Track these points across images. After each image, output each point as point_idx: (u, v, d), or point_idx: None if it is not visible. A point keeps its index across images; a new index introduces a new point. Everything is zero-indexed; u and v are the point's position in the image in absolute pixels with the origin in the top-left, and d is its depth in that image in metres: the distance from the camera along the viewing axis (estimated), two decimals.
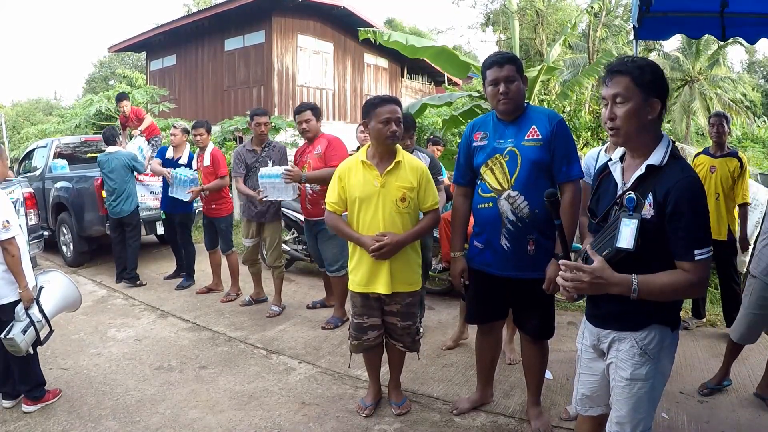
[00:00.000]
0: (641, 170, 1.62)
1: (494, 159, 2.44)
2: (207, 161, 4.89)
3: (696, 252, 1.52)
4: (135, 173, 5.67)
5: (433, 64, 7.14)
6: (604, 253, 1.60)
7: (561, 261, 1.64)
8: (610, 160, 1.79)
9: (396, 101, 2.65)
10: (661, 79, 1.62)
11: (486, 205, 2.47)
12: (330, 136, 4.16)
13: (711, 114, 4.07)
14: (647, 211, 1.57)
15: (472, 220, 2.66)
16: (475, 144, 2.53)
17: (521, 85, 2.41)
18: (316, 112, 4.11)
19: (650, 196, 1.57)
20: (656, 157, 1.60)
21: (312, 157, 4.04)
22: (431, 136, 6.26)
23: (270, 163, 4.38)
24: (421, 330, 3.92)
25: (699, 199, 1.55)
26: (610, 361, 1.73)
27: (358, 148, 4.55)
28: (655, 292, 1.54)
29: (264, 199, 4.12)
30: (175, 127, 5.41)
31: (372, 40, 6.86)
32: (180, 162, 5.25)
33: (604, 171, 1.81)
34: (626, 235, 1.54)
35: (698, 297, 1.41)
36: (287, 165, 4.44)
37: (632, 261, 1.55)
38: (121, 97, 7.61)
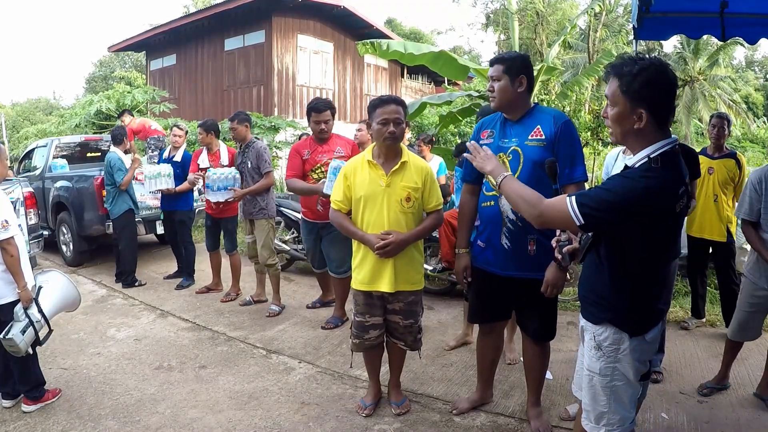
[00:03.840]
0: (621, 168, 1.69)
1: (498, 158, 2.44)
2: (225, 160, 4.89)
3: (572, 198, 1.57)
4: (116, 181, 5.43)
5: (431, 69, 7.18)
6: (583, 237, 1.75)
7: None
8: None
9: (398, 101, 2.64)
10: (657, 87, 1.54)
11: (488, 203, 2.49)
12: (346, 138, 4.16)
13: (712, 115, 4.06)
14: None
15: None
16: (481, 142, 2.53)
17: (507, 84, 2.39)
18: (334, 111, 4.03)
19: None
20: (632, 160, 1.63)
21: (332, 158, 3.89)
22: (420, 135, 6.28)
23: (249, 165, 4.43)
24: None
25: (620, 186, 1.55)
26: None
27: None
28: (507, 191, 1.80)
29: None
30: (180, 128, 5.45)
31: (371, 52, 6.92)
32: (174, 159, 5.28)
33: None
34: None
35: (530, 221, 1.48)
36: (265, 165, 4.46)
37: (597, 252, 1.70)
38: (120, 114, 8.01)
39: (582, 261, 1.78)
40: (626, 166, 1.64)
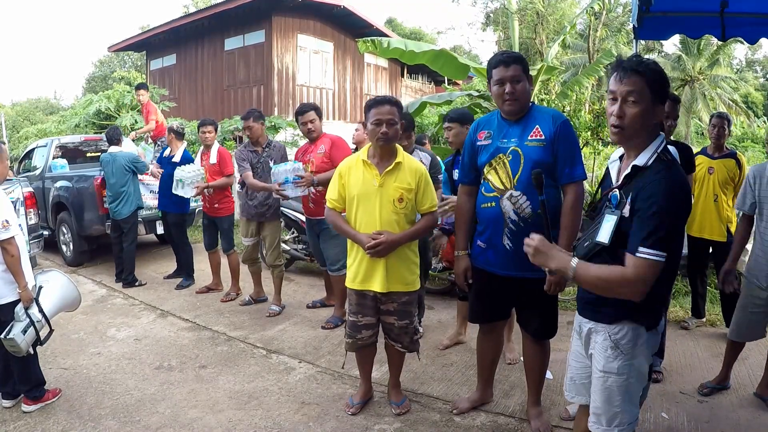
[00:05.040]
0: (628, 170, 1.68)
1: (498, 159, 2.44)
2: (214, 159, 4.89)
3: (641, 248, 1.51)
4: (137, 174, 5.62)
5: (432, 68, 7.17)
6: (586, 244, 1.71)
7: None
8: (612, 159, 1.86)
9: (392, 102, 2.65)
10: (668, 85, 1.67)
11: (489, 204, 2.48)
12: (333, 135, 4.19)
13: (713, 114, 4.06)
14: (626, 209, 1.64)
15: None
16: (479, 143, 2.53)
17: (527, 86, 2.41)
18: (319, 111, 4.13)
19: (631, 195, 1.64)
20: (642, 159, 1.65)
21: (315, 157, 4.04)
22: (416, 135, 6.30)
23: (271, 163, 4.40)
24: (421, 330, 3.92)
25: (662, 200, 1.52)
26: (591, 352, 1.79)
27: (356, 147, 4.59)
28: (590, 279, 1.59)
29: (282, 193, 4.08)
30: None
31: (372, 50, 6.92)
32: (173, 160, 5.27)
33: (607, 169, 1.89)
34: (605, 229, 1.64)
35: (634, 299, 1.41)
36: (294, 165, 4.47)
37: (611, 255, 1.62)
38: (138, 87, 7.74)
39: None
40: (635, 167, 1.64)
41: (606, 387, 1.71)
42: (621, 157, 1.80)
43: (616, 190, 1.68)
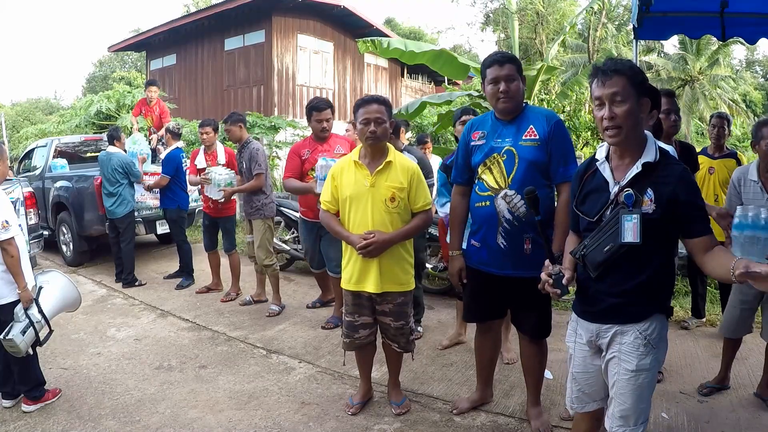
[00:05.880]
0: (637, 168, 1.68)
1: (492, 158, 2.44)
2: (222, 159, 4.90)
3: (709, 227, 1.67)
4: (134, 178, 5.57)
5: (432, 68, 7.17)
6: (605, 249, 1.68)
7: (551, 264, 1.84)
8: (596, 160, 1.83)
9: (380, 101, 2.65)
10: (646, 79, 1.72)
11: (483, 203, 2.48)
12: (345, 137, 4.21)
13: (712, 114, 4.07)
14: (648, 206, 1.64)
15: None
16: (473, 143, 2.54)
17: (521, 85, 2.42)
18: (334, 110, 4.02)
19: (650, 191, 1.65)
20: (650, 155, 1.68)
21: (334, 156, 3.86)
22: (418, 135, 6.33)
23: (244, 164, 4.46)
24: (420, 331, 3.93)
25: (697, 189, 1.72)
26: (612, 356, 1.76)
27: None
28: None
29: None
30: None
31: (372, 50, 6.93)
32: (159, 157, 5.37)
33: (588, 171, 1.85)
34: (630, 230, 1.63)
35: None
36: (256, 166, 4.39)
37: (634, 253, 1.65)
38: (151, 83, 7.49)
39: (604, 272, 1.73)
40: (647, 164, 1.66)
41: (638, 385, 1.70)
42: (606, 158, 1.78)
43: (629, 189, 1.67)
